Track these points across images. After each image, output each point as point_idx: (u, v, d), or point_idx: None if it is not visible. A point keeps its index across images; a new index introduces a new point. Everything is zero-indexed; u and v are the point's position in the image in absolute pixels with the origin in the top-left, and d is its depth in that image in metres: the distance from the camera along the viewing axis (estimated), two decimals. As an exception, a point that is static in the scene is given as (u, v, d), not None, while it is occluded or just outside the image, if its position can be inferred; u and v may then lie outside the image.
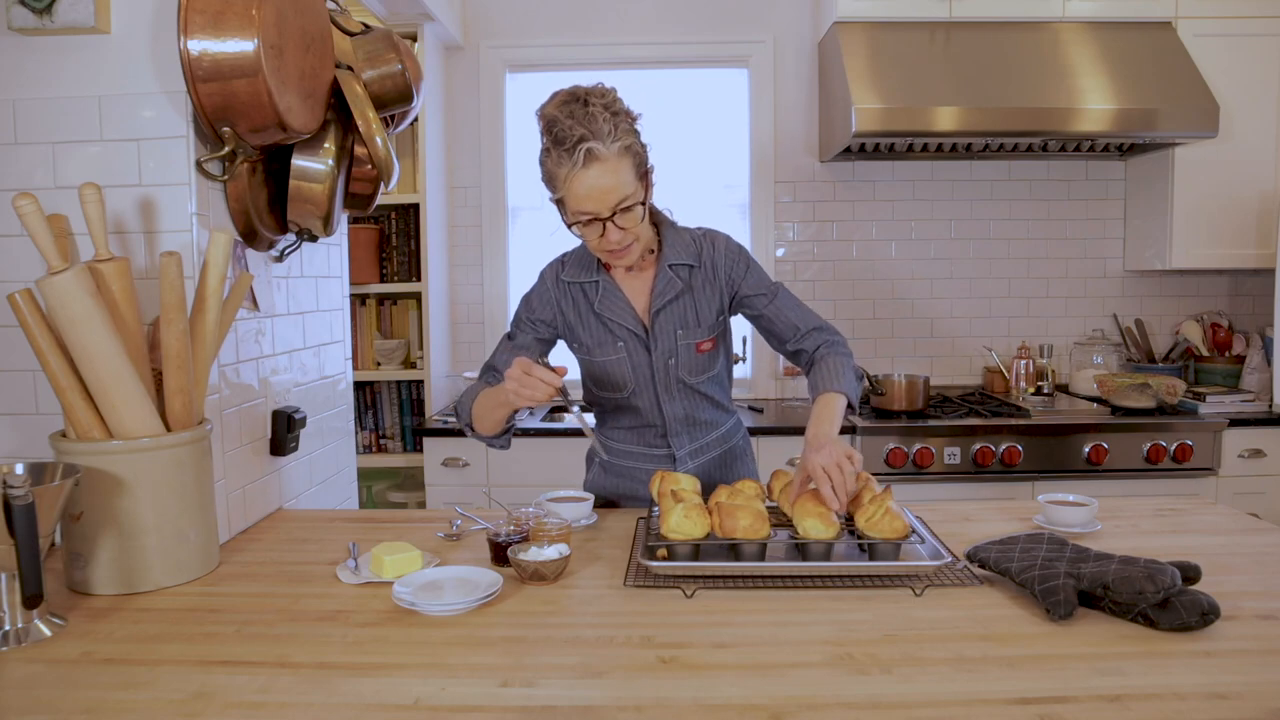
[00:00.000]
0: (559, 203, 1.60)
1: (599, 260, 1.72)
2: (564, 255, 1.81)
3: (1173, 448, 2.85)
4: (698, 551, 1.40)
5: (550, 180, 1.57)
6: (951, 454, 2.84)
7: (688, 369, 1.77)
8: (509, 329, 1.84)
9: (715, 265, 1.76)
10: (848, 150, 3.18)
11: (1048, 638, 1.16)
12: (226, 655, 1.14)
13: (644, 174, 1.60)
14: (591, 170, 1.51)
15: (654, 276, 1.74)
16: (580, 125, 1.50)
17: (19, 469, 1.27)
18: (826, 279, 3.50)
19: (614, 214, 1.55)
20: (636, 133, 1.57)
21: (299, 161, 1.70)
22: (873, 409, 3.02)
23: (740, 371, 3.46)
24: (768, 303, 1.77)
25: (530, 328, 1.80)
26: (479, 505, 2.87)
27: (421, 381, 3.34)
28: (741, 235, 1.81)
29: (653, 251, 1.74)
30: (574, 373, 1.74)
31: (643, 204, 1.59)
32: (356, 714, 0.99)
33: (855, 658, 1.10)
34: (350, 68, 1.72)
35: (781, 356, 2.02)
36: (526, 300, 1.82)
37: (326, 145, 1.70)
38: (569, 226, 1.62)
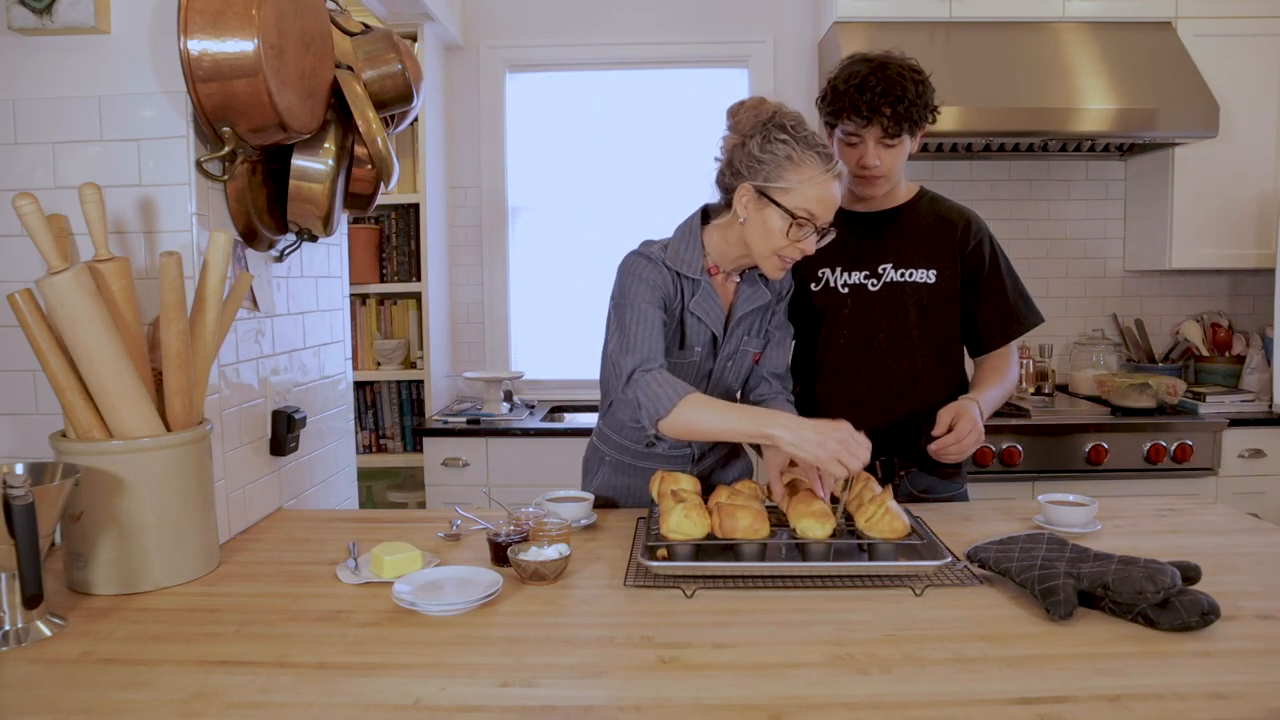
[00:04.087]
0: (763, 192, 1.57)
1: (702, 260, 1.70)
2: (661, 242, 1.74)
3: (1173, 448, 2.85)
4: (698, 551, 1.40)
5: (779, 169, 1.55)
6: (951, 454, 2.84)
7: (737, 375, 1.79)
8: (632, 310, 1.64)
9: (780, 283, 1.80)
10: (848, 150, 3.17)
11: (1048, 638, 1.16)
12: (226, 655, 1.14)
13: None
14: (835, 184, 1.57)
15: (737, 283, 1.75)
16: (821, 142, 1.58)
17: (19, 469, 1.27)
18: (826, 279, 3.50)
19: (821, 227, 1.59)
20: None
21: (299, 161, 1.70)
22: (872, 409, 3.01)
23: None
24: (779, 330, 1.83)
25: (654, 303, 1.64)
26: (479, 505, 2.87)
27: (421, 381, 3.34)
28: None
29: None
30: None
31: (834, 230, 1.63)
32: (356, 714, 0.99)
33: (855, 658, 1.10)
34: (350, 68, 1.72)
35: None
36: (641, 277, 1.66)
37: (326, 145, 1.70)
38: (792, 219, 1.55)
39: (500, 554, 1.45)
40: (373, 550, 1.43)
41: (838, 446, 1.41)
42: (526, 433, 2.97)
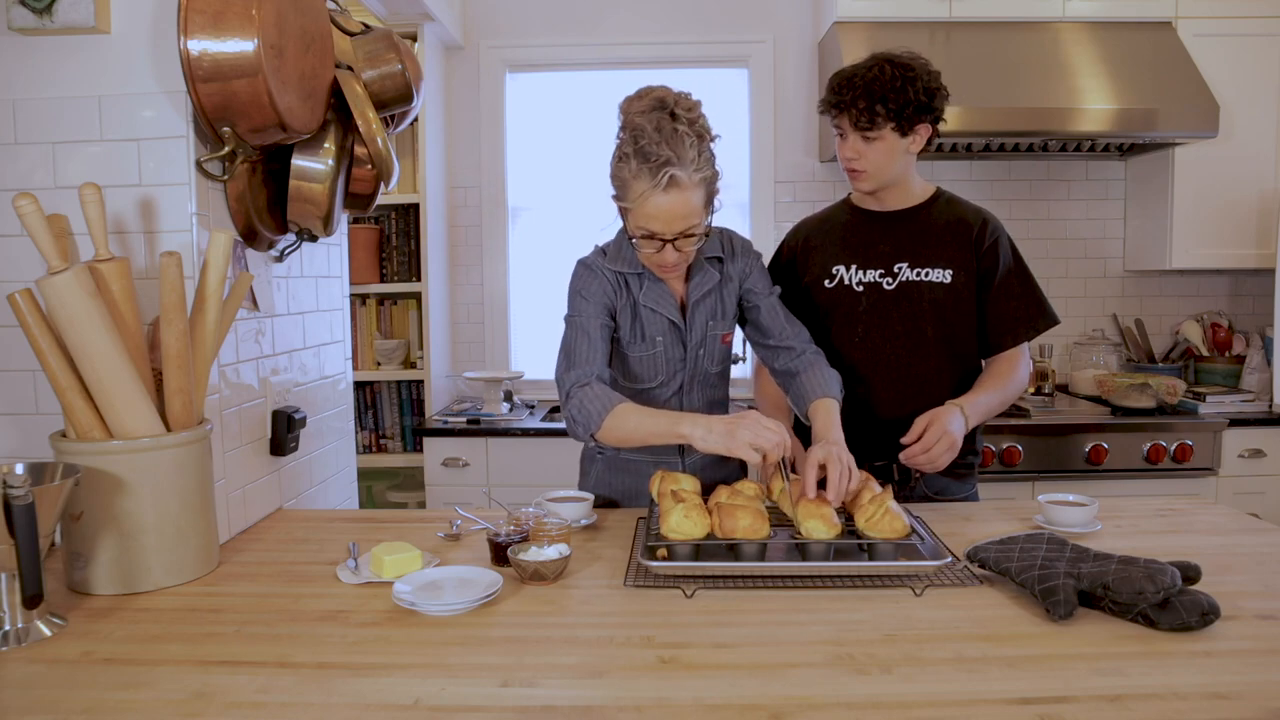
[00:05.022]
0: (623, 210, 1.61)
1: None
2: (602, 246, 1.79)
3: (1173, 448, 2.85)
4: (698, 551, 1.40)
5: (622, 189, 1.58)
6: (951, 454, 2.84)
7: (711, 359, 1.80)
8: (575, 327, 1.70)
9: (735, 259, 1.80)
10: (848, 150, 3.17)
11: (1048, 638, 1.16)
12: (226, 655, 1.14)
13: (711, 202, 1.61)
14: (669, 195, 1.52)
15: (689, 268, 1.75)
16: (668, 147, 1.51)
17: (19, 469, 1.27)
18: (826, 279, 3.50)
19: (677, 238, 1.57)
20: (713, 158, 1.59)
21: (299, 161, 1.70)
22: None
23: (740, 371, 3.45)
24: (764, 298, 1.81)
25: (597, 316, 1.70)
26: (479, 505, 2.87)
27: (421, 381, 3.34)
28: (741, 234, 1.86)
29: None
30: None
31: (704, 235, 1.61)
32: (356, 714, 0.99)
33: (855, 658, 1.10)
34: (350, 68, 1.72)
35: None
36: (581, 292, 1.72)
37: (326, 145, 1.70)
38: (629, 239, 1.63)
39: (500, 554, 1.45)
40: (373, 550, 1.43)
41: (747, 433, 1.43)
42: (526, 433, 2.97)
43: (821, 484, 1.52)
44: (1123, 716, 0.96)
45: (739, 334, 1.90)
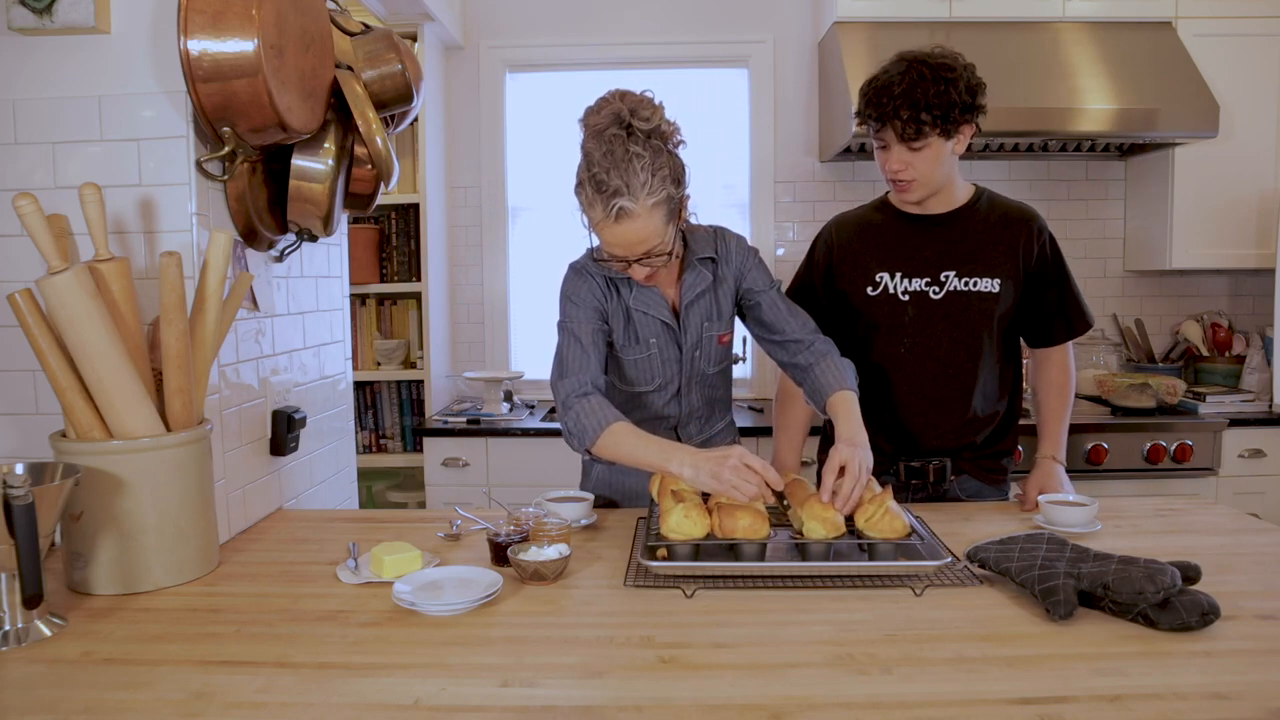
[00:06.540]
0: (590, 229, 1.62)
1: None
2: (591, 250, 1.76)
3: (1173, 448, 2.85)
4: (698, 551, 1.40)
5: (583, 211, 1.59)
6: (951, 454, 2.83)
7: (708, 360, 1.80)
8: (567, 334, 1.70)
9: (729, 258, 1.79)
10: (848, 150, 3.17)
11: (1048, 638, 1.16)
12: (226, 655, 1.14)
13: (677, 214, 1.59)
14: (621, 225, 1.52)
15: (680, 270, 1.75)
16: (618, 175, 1.50)
17: (19, 469, 1.27)
18: (826, 279, 3.50)
19: (640, 258, 1.57)
20: (675, 169, 1.55)
21: (299, 161, 1.70)
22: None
23: (740, 371, 3.45)
24: (764, 294, 1.79)
25: (589, 321, 1.70)
26: (479, 505, 2.87)
27: (421, 381, 3.34)
28: (735, 232, 1.86)
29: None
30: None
31: (668, 254, 1.60)
32: (356, 714, 0.99)
33: (855, 658, 1.10)
34: (350, 68, 1.72)
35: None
36: (571, 297, 1.72)
37: (326, 145, 1.70)
38: (600, 259, 1.64)
39: (500, 554, 1.45)
40: (373, 550, 1.43)
41: (731, 475, 1.42)
42: (526, 433, 2.97)
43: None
44: (1123, 716, 0.96)
45: (739, 332, 1.90)
